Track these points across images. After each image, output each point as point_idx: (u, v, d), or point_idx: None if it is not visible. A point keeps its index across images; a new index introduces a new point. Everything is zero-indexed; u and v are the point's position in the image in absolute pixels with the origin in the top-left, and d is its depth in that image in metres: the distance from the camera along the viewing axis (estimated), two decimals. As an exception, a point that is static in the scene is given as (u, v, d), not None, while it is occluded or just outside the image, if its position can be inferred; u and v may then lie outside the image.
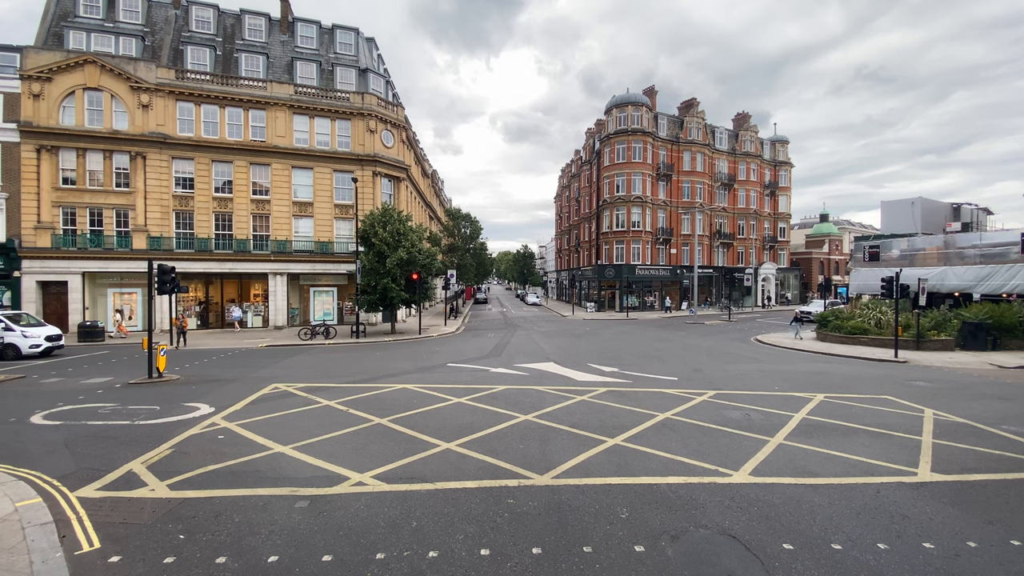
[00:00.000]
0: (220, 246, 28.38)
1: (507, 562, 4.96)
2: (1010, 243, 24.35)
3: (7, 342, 18.34)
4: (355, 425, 9.64)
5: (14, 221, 25.26)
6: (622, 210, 45.97)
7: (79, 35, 27.60)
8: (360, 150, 30.67)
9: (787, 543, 5.29)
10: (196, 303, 29.02)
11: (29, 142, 25.29)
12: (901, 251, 29.74)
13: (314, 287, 30.99)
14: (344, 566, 4.87)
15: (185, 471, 7.26)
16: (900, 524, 5.71)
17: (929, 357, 18.78)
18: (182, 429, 9.38)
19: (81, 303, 26.07)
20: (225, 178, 28.58)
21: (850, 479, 7.02)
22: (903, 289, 19.19)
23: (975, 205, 39.72)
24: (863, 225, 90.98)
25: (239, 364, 17.13)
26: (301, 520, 5.79)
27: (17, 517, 5.72)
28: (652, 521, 5.78)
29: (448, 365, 17.03)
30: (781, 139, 58.04)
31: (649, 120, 46.87)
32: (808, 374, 15.41)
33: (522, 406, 11.06)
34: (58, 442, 8.66)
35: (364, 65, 33.40)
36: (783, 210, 57.64)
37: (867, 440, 8.76)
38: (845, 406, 11.24)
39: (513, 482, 6.89)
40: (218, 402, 11.45)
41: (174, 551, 5.12)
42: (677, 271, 48.59)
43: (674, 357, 18.63)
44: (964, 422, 9.96)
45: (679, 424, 9.72)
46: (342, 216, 30.76)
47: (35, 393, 12.54)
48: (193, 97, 27.63)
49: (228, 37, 31.38)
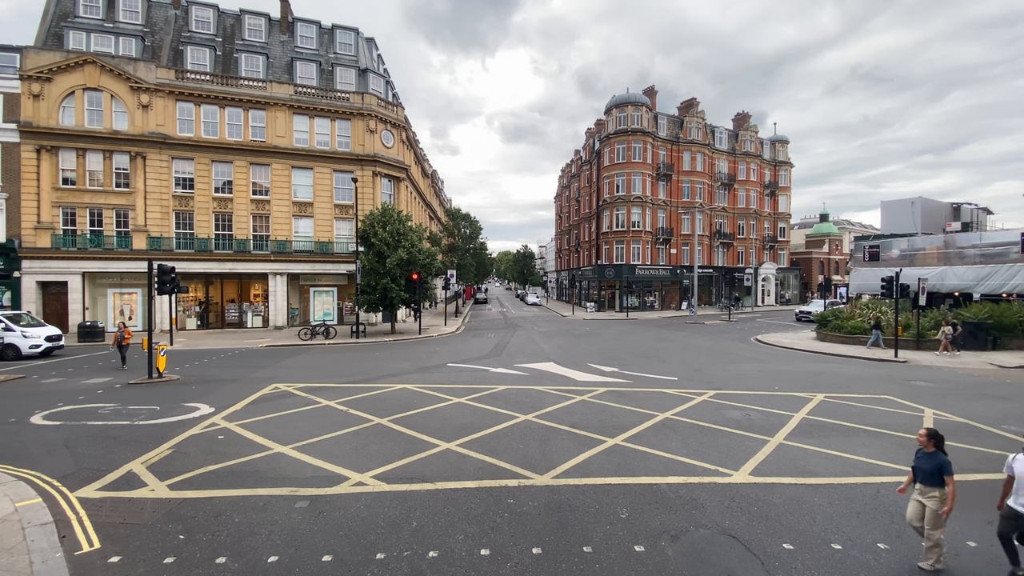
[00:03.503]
0: (220, 246, 28.37)
1: (507, 562, 4.96)
2: (1010, 243, 24.37)
3: (7, 342, 18.34)
4: (355, 425, 9.65)
5: (14, 221, 25.26)
6: (622, 210, 45.98)
7: (79, 35, 27.58)
8: (360, 150, 30.66)
9: (787, 543, 5.29)
10: (196, 303, 29.02)
11: (29, 142, 25.28)
12: (901, 251, 29.76)
13: (314, 287, 30.99)
14: (344, 566, 4.87)
15: (185, 471, 7.26)
16: (900, 524, 5.71)
17: (929, 357, 18.78)
18: (182, 429, 9.38)
19: (81, 303, 26.06)
20: (225, 178, 28.57)
21: (850, 479, 7.03)
22: (903, 289, 19.20)
23: (975, 205, 39.74)
24: (863, 225, 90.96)
25: (239, 364, 17.14)
26: (301, 520, 5.79)
27: (17, 517, 5.72)
28: (652, 521, 5.79)
29: (448, 365, 17.03)
30: (781, 139, 58.03)
31: (649, 120, 46.87)
32: (808, 374, 15.42)
33: (522, 406, 11.06)
34: (58, 442, 8.67)
35: (364, 65, 33.39)
36: (783, 210, 57.63)
37: (867, 440, 8.77)
38: (845, 406, 11.25)
39: (513, 482, 6.90)
40: (218, 402, 11.46)
41: (174, 551, 5.12)
42: (677, 271, 48.59)
43: (674, 357, 18.63)
44: (964, 422, 9.96)
45: (679, 424, 9.72)
46: (342, 216, 30.75)
47: (35, 393, 12.54)
48: (193, 97, 27.62)
49: (228, 37, 31.38)
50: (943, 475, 4.80)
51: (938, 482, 4.82)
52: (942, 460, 4.85)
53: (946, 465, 4.83)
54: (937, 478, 4.82)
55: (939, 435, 5.03)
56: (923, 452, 5.01)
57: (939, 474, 4.82)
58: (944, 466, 4.82)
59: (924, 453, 4.99)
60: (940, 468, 4.82)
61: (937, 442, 4.97)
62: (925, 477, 4.91)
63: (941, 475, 4.81)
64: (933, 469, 4.85)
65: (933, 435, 5.00)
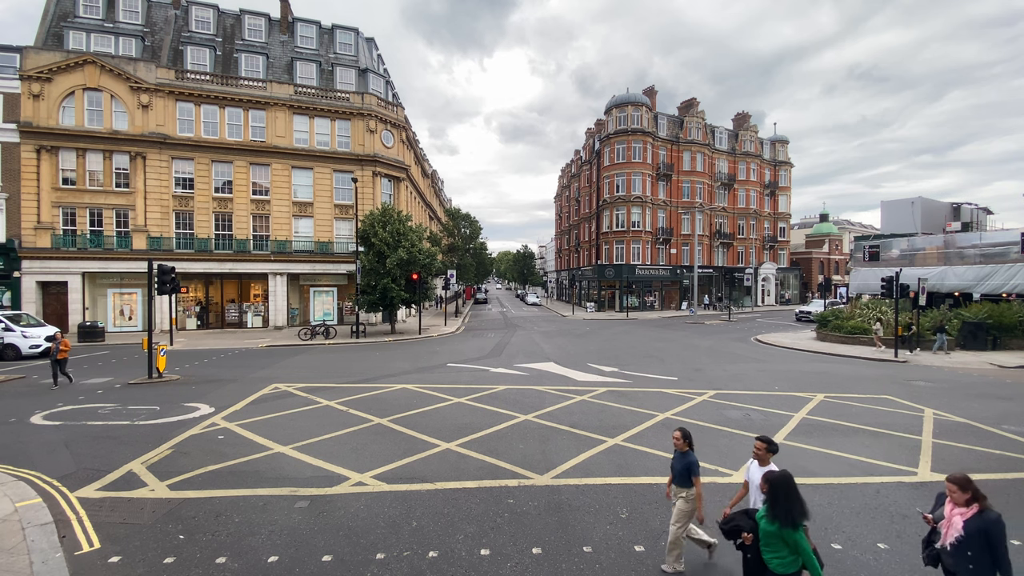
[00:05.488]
0: (220, 246, 28.37)
1: (507, 562, 4.96)
2: (1010, 243, 24.35)
3: (7, 342, 18.34)
4: (355, 425, 9.64)
5: (14, 221, 25.25)
6: (622, 210, 45.97)
7: (79, 35, 27.57)
8: (360, 150, 30.65)
9: (787, 543, 5.28)
10: (196, 303, 29.01)
11: (29, 142, 25.27)
12: (901, 251, 29.74)
13: (314, 287, 30.98)
14: (344, 566, 4.87)
15: (185, 471, 7.26)
16: (900, 524, 5.71)
17: (929, 357, 18.78)
18: (182, 429, 9.38)
19: (81, 303, 26.05)
20: (225, 178, 28.57)
21: (850, 479, 7.03)
22: (903, 289, 19.19)
23: (975, 205, 39.73)
24: (863, 225, 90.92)
25: (239, 364, 17.13)
26: (301, 520, 5.79)
27: (17, 517, 5.72)
28: (652, 521, 5.79)
29: (448, 365, 17.03)
30: (781, 139, 58.01)
31: (649, 120, 46.86)
32: (808, 374, 15.42)
33: (522, 406, 11.06)
34: (58, 442, 8.66)
35: (364, 65, 33.39)
36: (783, 210, 57.63)
37: (867, 440, 8.76)
38: (845, 406, 11.24)
39: (513, 482, 6.89)
40: (218, 402, 11.45)
41: (174, 551, 5.12)
42: (677, 271, 48.59)
43: (674, 357, 18.63)
44: (964, 422, 9.96)
45: (679, 424, 9.72)
46: (342, 216, 30.75)
47: (35, 393, 12.54)
48: (193, 97, 27.62)
49: (228, 37, 31.37)
50: (691, 475, 4.69)
51: (687, 482, 4.71)
52: (691, 460, 4.73)
53: (693, 465, 4.71)
54: (686, 478, 4.71)
55: (690, 435, 4.90)
56: (678, 452, 4.88)
57: (688, 474, 4.70)
58: (691, 466, 4.70)
59: (679, 453, 4.86)
60: (688, 468, 4.70)
61: (689, 442, 4.84)
62: (676, 477, 4.81)
63: (690, 475, 4.70)
64: (683, 469, 4.73)
65: (686, 435, 4.86)
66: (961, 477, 3.47)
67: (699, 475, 4.73)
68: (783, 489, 3.55)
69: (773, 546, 3.57)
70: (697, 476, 4.71)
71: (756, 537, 3.77)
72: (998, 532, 3.29)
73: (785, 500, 3.51)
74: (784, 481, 3.59)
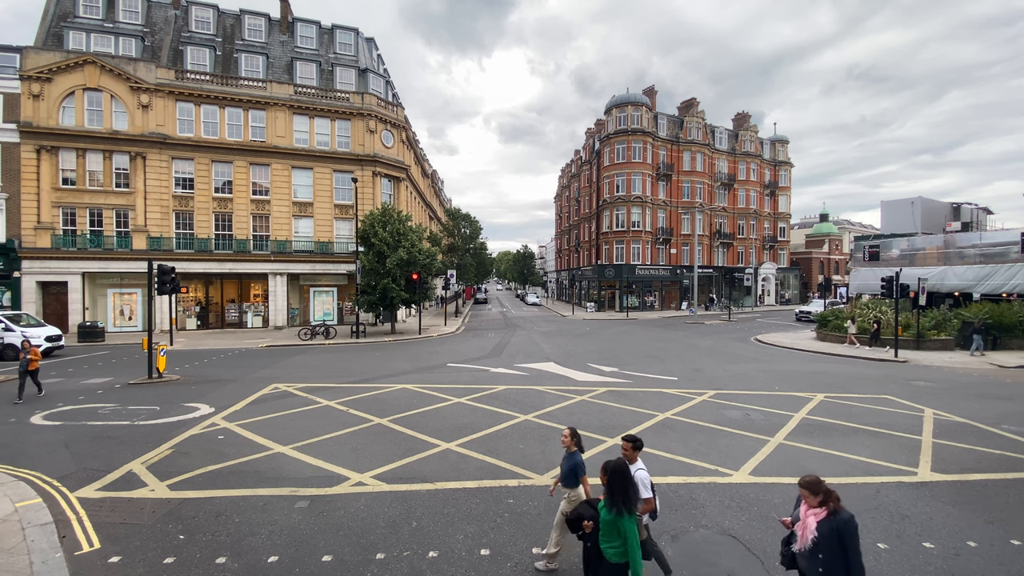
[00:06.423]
0: (220, 246, 28.36)
1: (507, 562, 4.96)
2: (1010, 243, 24.35)
3: (7, 342, 18.33)
4: (355, 425, 9.64)
5: (14, 221, 25.25)
6: (622, 210, 45.97)
7: (79, 35, 27.57)
8: (360, 150, 30.65)
9: (787, 543, 5.28)
10: (196, 303, 29.01)
11: (29, 142, 25.27)
12: (901, 251, 29.73)
13: (314, 287, 30.98)
14: (344, 566, 4.87)
15: (185, 471, 7.26)
16: (900, 524, 5.71)
17: (929, 357, 18.78)
18: (182, 429, 9.38)
19: (81, 303, 26.05)
20: (225, 178, 28.56)
21: (850, 479, 7.03)
22: (903, 289, 19.19)
23: (975, 205, 39.72)
24: (863, 225, 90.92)
25: (239, 364, 17.13)
26: (301, 520, 5.79)
27: (17, 517, 5.72)
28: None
29: (448, 365, 17.03)
30: (781, 139, 58.00)
31: (649, 120, 46.86)
32: (808, 374, 15.42)
33: (522, 406, 11.06)
34: (58, 442, 8.66)
35: (364, 65, 33.38)
36: (783, 210, 57.62)
37: (867, 440, 8.76)
38: (845, 406, 11.24)
39: (513, 482, 6.90)
40: (218, 402, 11.45)
41: (174, 551, 5.12)
42: (677, 271, 48.58)
43: (674, 357, 18.62)
44: (964, 422, 9.96)
45: (679, 424, 9.72)
46: (342, 216, 30.75)
47: (35, 393, 12.53)
48: (193, 97, 27.61)
49: (228, 37, 31.36)
50: (578, 476, 4.66)
51: (573, 483, 4.68)
52: (577, 460, 4.70)
53: (579, 466, 4.67)
54: (572, 479, 4.68)
55: (579, 434, 4.87)
56: (566, 452, 4.83)
57: (574, 475, 4.67)
58: (578, 467, 4.67)
59: (567, 453, 4.82)
60: (575, 468, 4.67)
61: (577, 441, 4.79)
62: (562, 477, 4.77)
63: (576, 476, 4.66)
64: (569, 469, 4.70)
65: (574, 434, 4.82)
66: (812, 480, 3.44)
67: (586, 475, 4.70)
68: (619, 478, 3.60)
69: (609, 536, 3.62)
70: (584, 476, 4.68)
71: (596, 527, 3.80)
72: (850, 533, 3.23)
73: (621, 489, 3.56)
74: (620, 470, 3.65)
